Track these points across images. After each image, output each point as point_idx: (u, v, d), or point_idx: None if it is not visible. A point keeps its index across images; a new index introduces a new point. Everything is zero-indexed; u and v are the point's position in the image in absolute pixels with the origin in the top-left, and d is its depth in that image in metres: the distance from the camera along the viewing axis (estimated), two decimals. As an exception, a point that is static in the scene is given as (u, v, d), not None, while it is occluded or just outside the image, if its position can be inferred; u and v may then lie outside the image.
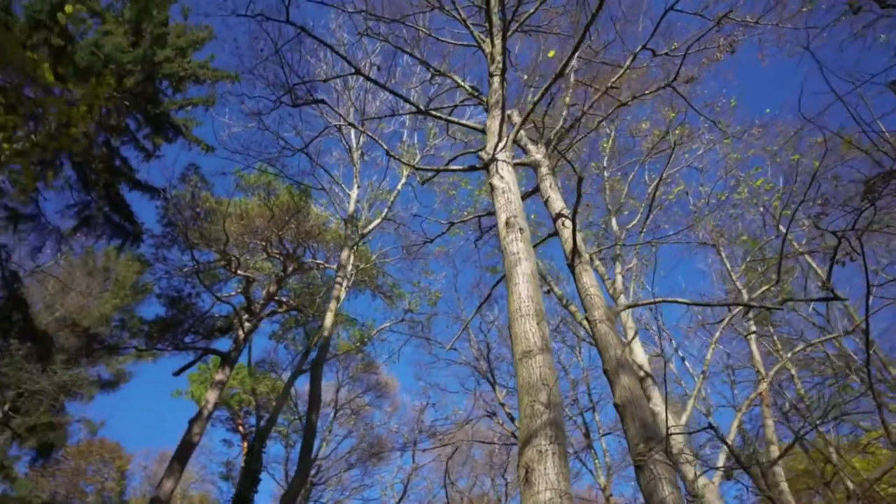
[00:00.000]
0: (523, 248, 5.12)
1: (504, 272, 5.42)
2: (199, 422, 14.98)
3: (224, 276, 17.59)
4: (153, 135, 14.99)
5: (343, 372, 20.41)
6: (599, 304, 5.73)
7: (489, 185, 6.41)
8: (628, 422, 4.59)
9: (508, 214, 5.59)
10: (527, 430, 3.74)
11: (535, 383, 3.94)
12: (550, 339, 4.36)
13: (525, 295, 4.65)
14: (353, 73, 8.44)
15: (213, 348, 16.43)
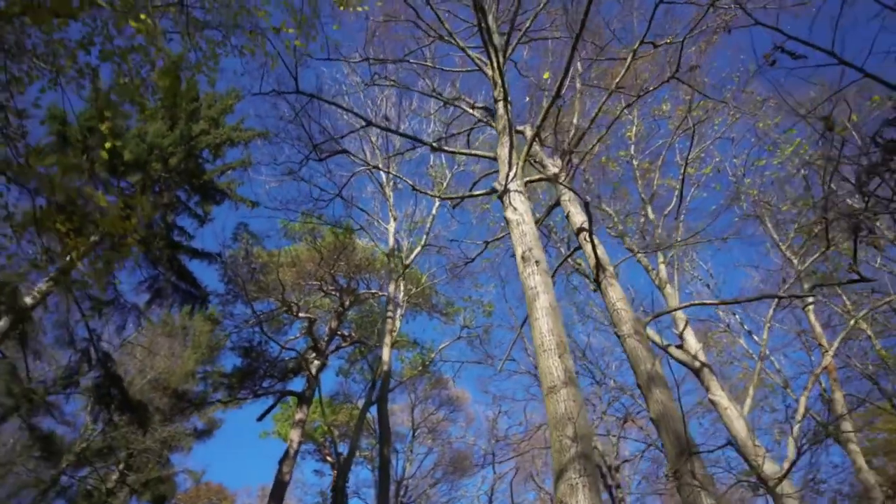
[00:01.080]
0: (540, 280, 5.35)
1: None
2: (288, 461, 15.91)
3: (288, 320, 18.60)
4: (202, 202, 16.18)
5: (414, 392, 21.08)
6: (627, 318, 5.87)
7: (504, 218, 6.67)
8: (664, 435, 4.74)
9: (524, 248, 5.83)
10: (558, 464, 3.99)
11: (561, 418, 4.18)
12: (574, 371, 4.58)
13: (546, 329, 4.88)
14: (365, 125, 8.95)
15: (289, 390, 17.43)
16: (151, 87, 8.17)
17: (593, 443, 3.98)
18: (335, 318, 18.92)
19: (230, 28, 8.44)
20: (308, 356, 17.53)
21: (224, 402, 17.19)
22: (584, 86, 10.23)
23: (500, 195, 7.01)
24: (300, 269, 17.05)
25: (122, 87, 7.24)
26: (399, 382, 17.39)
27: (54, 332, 12.90)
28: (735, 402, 8.27)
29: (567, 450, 3.97)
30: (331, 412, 22.35)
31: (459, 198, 10.00)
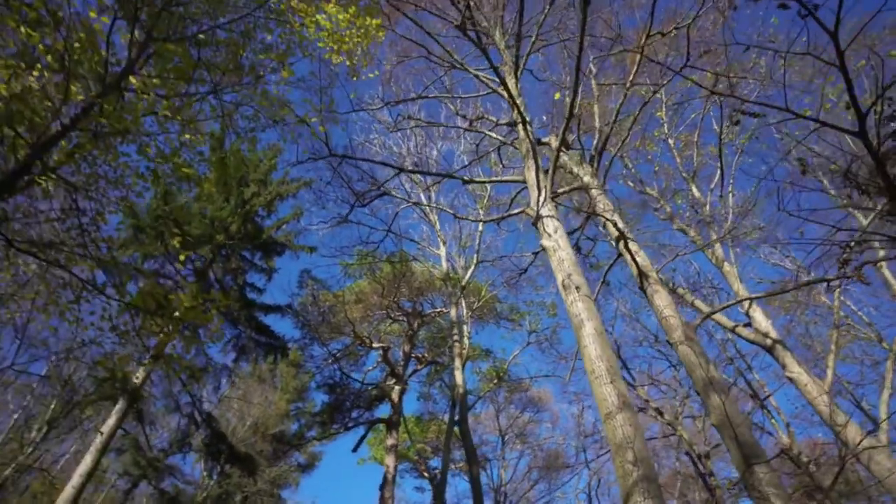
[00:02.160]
0: (583, 307, 5.61)
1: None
2: (388, 486, 16.69)
3: (363, 351, 19.48)
4: (265, 258, 17.31)
5: (496, 400, 21.44)
6: (676, 324, 6.02)
7: (540, 245, 6.96)
8: (727, 441, 4.90)
9: (563, 276, 6.09)
10: (624, 488, 4.28)
11: (621, 443, 4.45)
12: (627, 395, 4.82)
13: (595, 355, 5.15)
14: (397, 173, 9.47)
15: (376, 418, 18.24)
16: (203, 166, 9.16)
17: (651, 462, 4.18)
18: (407, 342, 19.63)
19: (259, 116, 9.27)
20: (388, 383, 18.33)
21: (319, 438, 18.24)
22: (601, 86, 10.31)
23: (533, 222, 7.29)
24: (366, 303, 17.86)
25: (177, 167, 8.18)
26: (478, 398, 17.84)
27: (162, 402, 14.29)
28: (815, 377, 8.10)
29: (630, 474, 4.25)
30: (419, 430, 23.13)
31: (498, 219, 10.33)
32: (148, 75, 7.30)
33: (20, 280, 7.21)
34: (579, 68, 7.10)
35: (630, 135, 10.33)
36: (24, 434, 16.12)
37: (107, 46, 6.24)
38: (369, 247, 13.82)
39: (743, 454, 4.56)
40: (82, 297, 6.69)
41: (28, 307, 7.21)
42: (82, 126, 6.06)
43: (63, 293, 6.75)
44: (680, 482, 19.97)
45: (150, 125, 8.32)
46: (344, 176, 10.37)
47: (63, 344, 8.31)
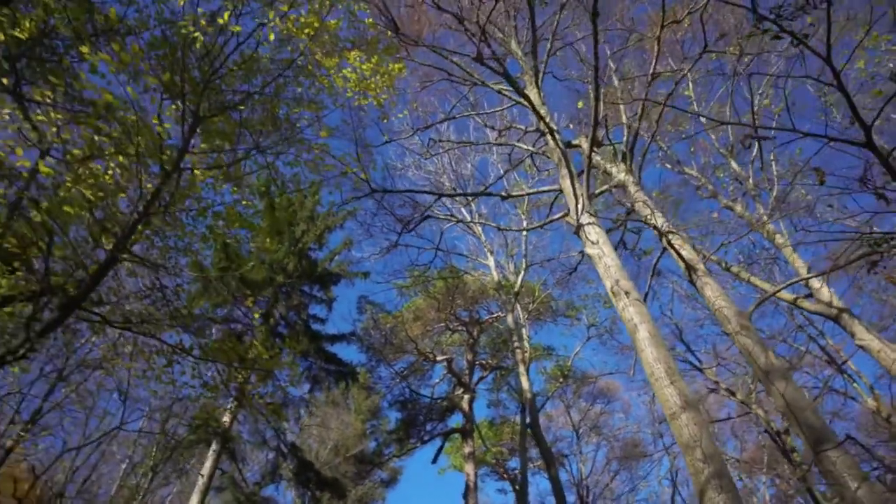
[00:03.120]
0: (634, 312, 5.80)
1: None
2: (470, 494, 17.09)
3: (428, 366, 20.00)
4: (323, 289, 18.11)
5: (565, 397, 21.46)
6: (730, 314, 6.12)
7: (585, 253, 7.17)
8: (795, 428, 4.99)
9: (611, 282, 6.30)
10: (697, 485, 4.47)
11: (688, 442, 4.64)
12: (689, 393, 4.99)
13: (652, 359, 5.34)
14: (437, 198, 9.87)
15: (450, 428, 18.70)
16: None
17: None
18: (469, 351, 20.02)
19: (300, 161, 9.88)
20: (457, 393, 18.77)
21: (398, 454, 18.83)
22: (623, 80, 10.38)
23: (575, 231, 7.51)
24: (424, 319, 18.36)
25: (233, 222, 8.89)
26: (546, 398, 17.99)
27: (250, 439, 15.21)
28: (887, 342, 7.89)
29: (701, 472, 4.43)
30: (493, 434, 23.44)
31: (539, 226, 10.56)
32: (199, 151, 7.99)
33: (120, 352, 8.03)
34: (597, 77, 7.29)
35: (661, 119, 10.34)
36: (132, 481, 17.51)
37: (159, 131, 6.93)
38: (420, 267, 14.33)
39: (811, 439, 4.65)
40: (174, 361, 7.42)
41: (127, 375, 7.97)
42: (154, 210, 6.76)
43: (157, 359, 7.49)
44: (767, 455, 19.43)
45: (205, 191, 9.09)
46: (387, 205, 10.88)
47: (161, 403, 9.16)
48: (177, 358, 7.65)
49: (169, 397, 8.92)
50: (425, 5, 10.92)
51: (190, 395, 8.15)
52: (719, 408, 15.46)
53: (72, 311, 6.09)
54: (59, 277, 6.82)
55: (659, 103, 9.16)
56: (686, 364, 12.58)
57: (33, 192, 6.84)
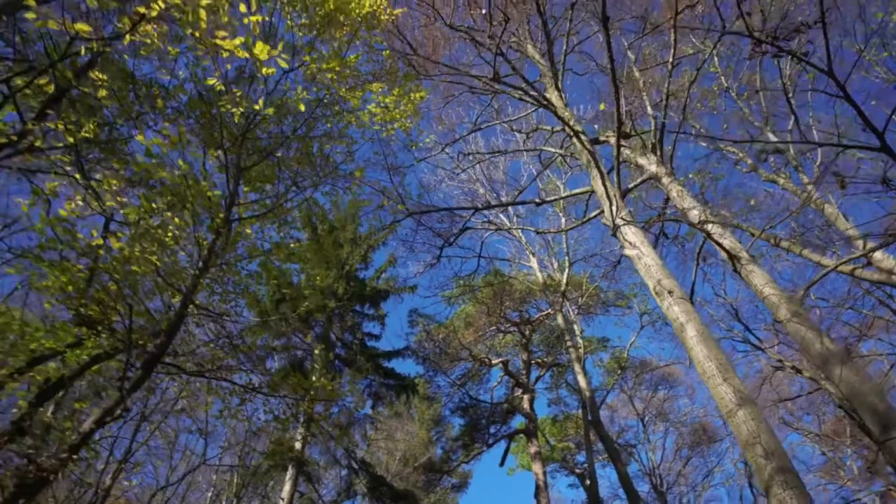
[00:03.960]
0: (679, 311, 5.84)
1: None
2: (541, 493, 17.19)
3: (485, 370, 20.22)
4: (374, 307, 18.63)
5: (625, 387, 21.23)
6: (780, 301, 6.08)
7: (624, 255, 7.22)
8: (860, 415, 4.94)
9: (653, 283, 6.35)
10: (762, 482, 4.52)
11: (747, 439, 4.68)
12: (744, 389, 5.01)
13: (703, 356, 5.38)
14: (473, 213, 10.09)
15: (514, 429, 18.86)
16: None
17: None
18: (523, 350, 20.13)
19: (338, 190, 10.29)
20: (516, 394, 18.91)
21: (465, 460, 19.13)
22: (642, 71, 10.31)
23: (612, 233, 7.57)
24: (475, 325, 18.60)
25: (280, 250, 9.39)
26: (606, 392, 17.88)
27: (322, 459, 15.84)
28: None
29: (764, 468, 4.47)
30: (558, 430, 23.43)
31: (578, 224, 10.61)
32: (245, 202, 8.49)
33: (197, 397, 8.63)
34: (615, 79, 7.34)
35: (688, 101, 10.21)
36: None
37: (205, 186, 7.42)
38: (465, 276, 14.59)
39: (878, 425, 4.60)
40: (246, 399, 7.94)
41: (204, 416, 8.53)
42: (212, 263, 7.27)
43: (231, 399, 8.02)
44: (849, 427, 18.64)
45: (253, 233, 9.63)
46: (425, 223, 11.17)
47: (238, 438, 9.78)
48: (248, 396, 8.18)
49: (244, 432, 9.48)
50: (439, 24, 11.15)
51: (263, 427, 8.69)
52: (791, 383, 14.96)
53: (154, 367, 6.63)
54: (137, 334, 7.40)
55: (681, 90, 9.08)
56: (746, 345, 12.30)
57: (104, 259, 7.45)
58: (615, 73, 7.17)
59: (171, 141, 5.24)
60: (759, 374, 14.65)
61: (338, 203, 19.41)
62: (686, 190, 8.28)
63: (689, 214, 7.89)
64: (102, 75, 6.08)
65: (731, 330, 12.58)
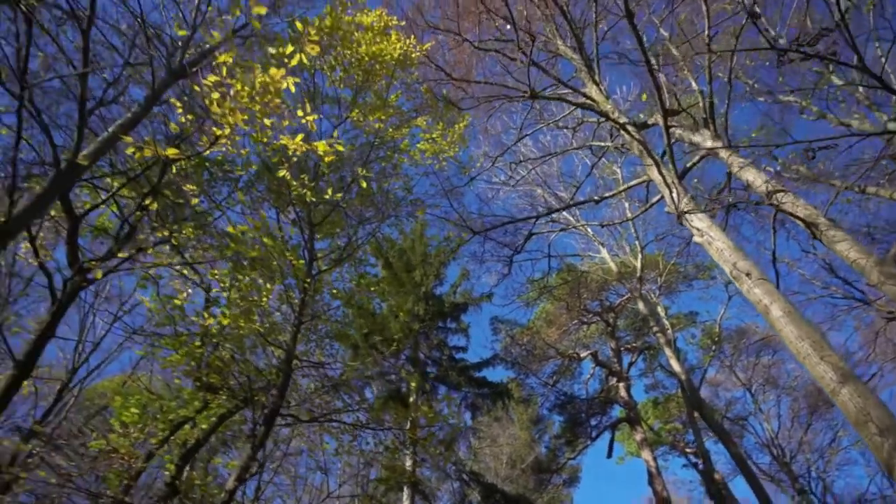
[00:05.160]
0: (761, 292, 5.77)
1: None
2: (656, 479, 16.91)
3: (575, 364, 20.17)
4: (455, 320, 19.11)
5: (725, 357, 20.38)
6: (869, 265, 5.89)
7: (694, 241, 7.17)
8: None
9: (729, 267, 6.29)
10: (884, 462, 4.44)
11: (857, 418, 4.60)
12: (845, 365, 4.91)
13: (794, 337, 5.30)
14: (535, 220, 10.27)
15: (615, 419, 18.69)
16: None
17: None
18: (610, 338, 19.90)
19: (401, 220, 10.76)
20: (611, 384, 18.74)
21: (570, 457, 19.14)
22: (679, 47, 10.11)
23: (678, 220, 7.53)
24: (557, 322, 18.65)
25: (359, 285, 9.97)
26: (704, 369, 17.28)
27: (434, 475, 16.42)
28: None
29: (881, 447, 4.38)
30: (661, 412, 22.89)
31: (641, 212, 10.51)
32: (322, 254, 9.14)
33: (313, 439, 9.38)
34: (651, 69, 7.33)
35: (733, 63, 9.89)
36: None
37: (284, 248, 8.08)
38: (538, 277, 14.73)
39: None
40: (357, 435, 8.57)
41: (321, 454, 9.22)
42: (304, 318, 7.95)
43: (343, 437, 8.68)
44: None
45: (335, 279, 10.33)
46: (492, 236, 11.46)
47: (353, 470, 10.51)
48: (358, 432, 8.80)
49: (358, 462, 10.17)
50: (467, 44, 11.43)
51: (375, 457, 9.29)
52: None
53: (274, 420, 7.33)
54: (254, 392, 8.17)
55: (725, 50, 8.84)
56: (849, 301, 11.59)
57: (214, 325, 8.26)
58: (650, 64, 7.17)
59: (256, 227, 5.86)
60: (870, 326, 13.74)
61: (402, 228, 20.08)
62: (749, 161, 8.06)
63: (754, 187, 7.70)
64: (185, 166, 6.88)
65: (828, 287, 11.93)
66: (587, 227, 15.73)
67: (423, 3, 10.86)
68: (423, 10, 11.22)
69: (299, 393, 8.56)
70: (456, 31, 10.14)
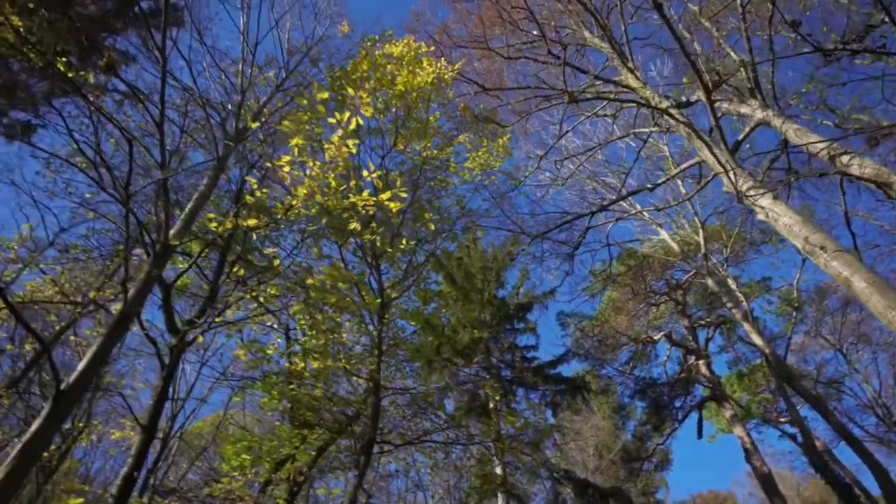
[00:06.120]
0: (840, 265, 5.63)
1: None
2: (754, 455, 16.41)
3: (650, 347, 19.83)
4: (522, 321, 19.21)
5: (809, 319, 19.47)
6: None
7: (758, 220, 7.05)
8: None
9: (800, 242, 6.16)
10: None
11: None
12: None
13: (882, 307, 5.17)
14: (591, 216, 10.31)
15: (700, 398, 18.24)
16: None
17: None
18: (682, 316, 19.45)
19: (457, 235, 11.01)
20: (690, 363, 18.30)
21: (660, 442, 18.83)
22: (711, 18, 9.89)
23: (738, 200, 7.42)
24: (624, 308, 18.42)
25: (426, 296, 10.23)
26: (788, 337, 16.54)
27: (525, 477, 16.57)
28: None
29: None
30: (747, 384, 22.12)
31: (696, 192, 10.34)
32: (391, 282, 9.52)
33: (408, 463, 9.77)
34: (686, 51, 7.27)
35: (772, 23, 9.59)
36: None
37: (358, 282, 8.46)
38: (599, 268, 14.66)
39: None
40: (449, 451, 8.91)
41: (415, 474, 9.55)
42: (384, 349, 8.35)
43: (436, 454, 9.02)
44: None
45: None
46: (550, 237, 11.55)
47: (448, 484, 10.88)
48: (450, 448, 9.13)
49: (453, 475, 10.53)
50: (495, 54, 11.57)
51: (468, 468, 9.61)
52: None
53: (372, 448, 7.73)
54: (348, 424, 8.61)
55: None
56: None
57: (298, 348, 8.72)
58: (683, 46, 7.13)
59: (331, 274, 6.25)
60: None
61: (457, 237, 20.36)
62: (805, 128, 7.82)
63: (814, 152, 7.46)
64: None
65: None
66: (643, 212, 15.44)
67: (447, 24, 11.11)
68: (449, 29, 11.48)
69: (388, 418, 8.97)
70: (484, 45, 10.33)
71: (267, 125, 8.22)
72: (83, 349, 11.04)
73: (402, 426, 8.69)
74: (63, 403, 3.99)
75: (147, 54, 9.85)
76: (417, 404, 8.66)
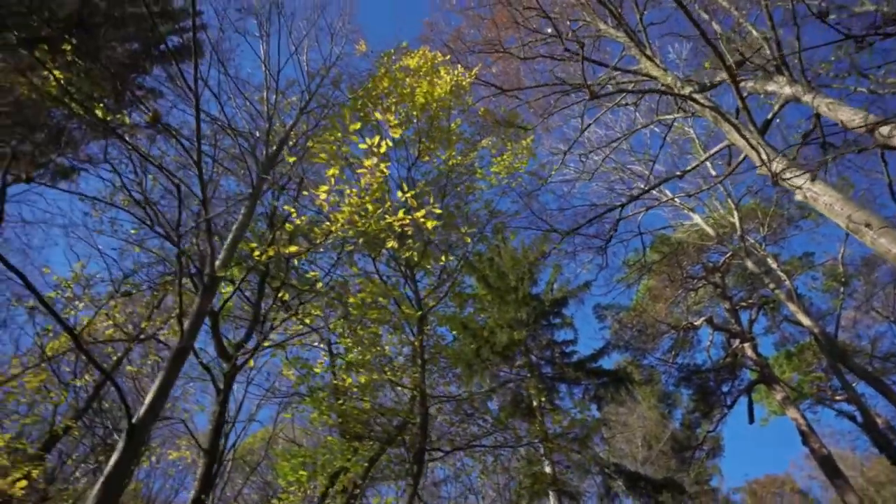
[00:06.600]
0: (888, 241, 5.49)
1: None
2: (809, 437, 15.97)
3: (692, 334, 19.48)
4: (558, 316, 19.11)
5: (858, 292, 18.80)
6: None
7: (797, 201, 6.90)
8: None
9: (843, 221, 6.02)
10: None
11: None
12: None
13: (936, 282, 5.03)
14: (622, 207, 10.23)
15: (748, 382, 17.84)
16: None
17: None
18: (723, 299, 19.04)
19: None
20: (735, 346, 17.91)
21: (710, 429, 18.49)
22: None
23: (773, 182, 7.28)
24: (661, 295, 18.15)
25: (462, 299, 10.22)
26: (837, 314, 15.99)
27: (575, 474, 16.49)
28: None
29: None
30: (797, 363, 21.51)
31: (727, 175, 10.14)
32: (427, 290, 9.64)
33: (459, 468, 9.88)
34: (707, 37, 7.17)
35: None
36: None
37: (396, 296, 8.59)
38: (633, 258, 14.51)
39: None
40: (498, 455, 9.00)
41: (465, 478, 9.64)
42: (427, 357, 8.48)
43: (486, 458, 9.12)
44: None
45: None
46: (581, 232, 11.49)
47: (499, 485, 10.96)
48: (498, 451, 9.20)
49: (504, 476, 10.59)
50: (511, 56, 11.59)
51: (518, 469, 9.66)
52: None
53: (423, 456, 7.85)
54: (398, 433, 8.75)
55: None
56: None
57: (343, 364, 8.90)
58: (705, 33, 7.04)
59: (371, 291, 6.41)
60: None
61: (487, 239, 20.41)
62: (837, 100, 7.60)
63: (850, 125, 7.26)
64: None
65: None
66: (674, 199, 15.22)
67: (461, 30, 11.18)
68: (463, 35, 11.54)
69: (435, 425, 9.09)
70: (499, 47, 10.37)
71: (294, 148, 8.44)
72: (138, 378, 11.51)
73: (451, 432, 8.80)
74: (136, 437, 4.22)
75: (174, 89, 10.24)
76: (464, 410, 8.76)
